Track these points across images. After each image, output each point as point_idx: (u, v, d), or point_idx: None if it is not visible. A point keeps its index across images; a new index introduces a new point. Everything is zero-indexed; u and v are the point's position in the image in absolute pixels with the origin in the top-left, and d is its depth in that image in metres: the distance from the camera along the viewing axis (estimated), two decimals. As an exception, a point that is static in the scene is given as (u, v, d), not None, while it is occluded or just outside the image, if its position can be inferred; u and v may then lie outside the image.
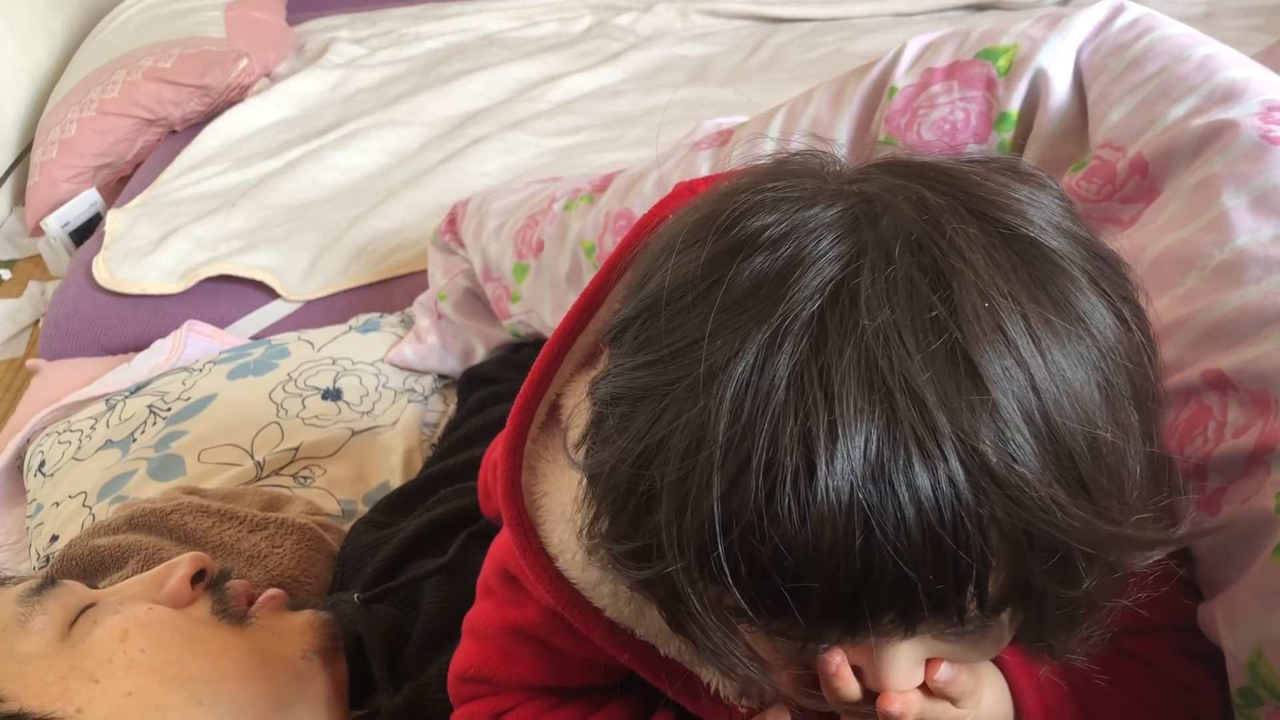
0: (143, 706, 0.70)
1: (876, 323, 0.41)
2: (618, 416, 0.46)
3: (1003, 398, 0.40)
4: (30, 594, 0.73)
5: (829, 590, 0.41)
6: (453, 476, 1.09)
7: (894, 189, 0.46)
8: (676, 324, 0.45)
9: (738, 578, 0.42)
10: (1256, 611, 0.55)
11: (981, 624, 0.45)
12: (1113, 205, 0.74)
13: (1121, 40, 0.80)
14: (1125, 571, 0.45)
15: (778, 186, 0.47)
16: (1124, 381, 0.44)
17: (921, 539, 0.40)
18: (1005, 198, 0.46)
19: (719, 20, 2.52)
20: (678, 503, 0.43)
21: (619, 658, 0.61)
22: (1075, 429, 0.41)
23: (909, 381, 0.40)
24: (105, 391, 1.41)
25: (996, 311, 0.41)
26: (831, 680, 0.49)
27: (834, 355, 0.41)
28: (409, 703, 0.80)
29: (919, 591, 0.41)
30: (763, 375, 0.41)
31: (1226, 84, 0.71)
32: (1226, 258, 0.62)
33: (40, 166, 2.26)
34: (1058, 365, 0.42)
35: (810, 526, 0.40)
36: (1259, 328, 0.59)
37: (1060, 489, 0.41)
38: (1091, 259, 0.46)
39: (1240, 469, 0.58)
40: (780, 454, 0.40)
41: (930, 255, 0.43)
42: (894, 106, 0.88)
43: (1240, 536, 0.57)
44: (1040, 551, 0.41)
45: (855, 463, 0.40)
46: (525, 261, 1.23)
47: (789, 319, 0.42)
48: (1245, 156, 0.65)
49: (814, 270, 0.43)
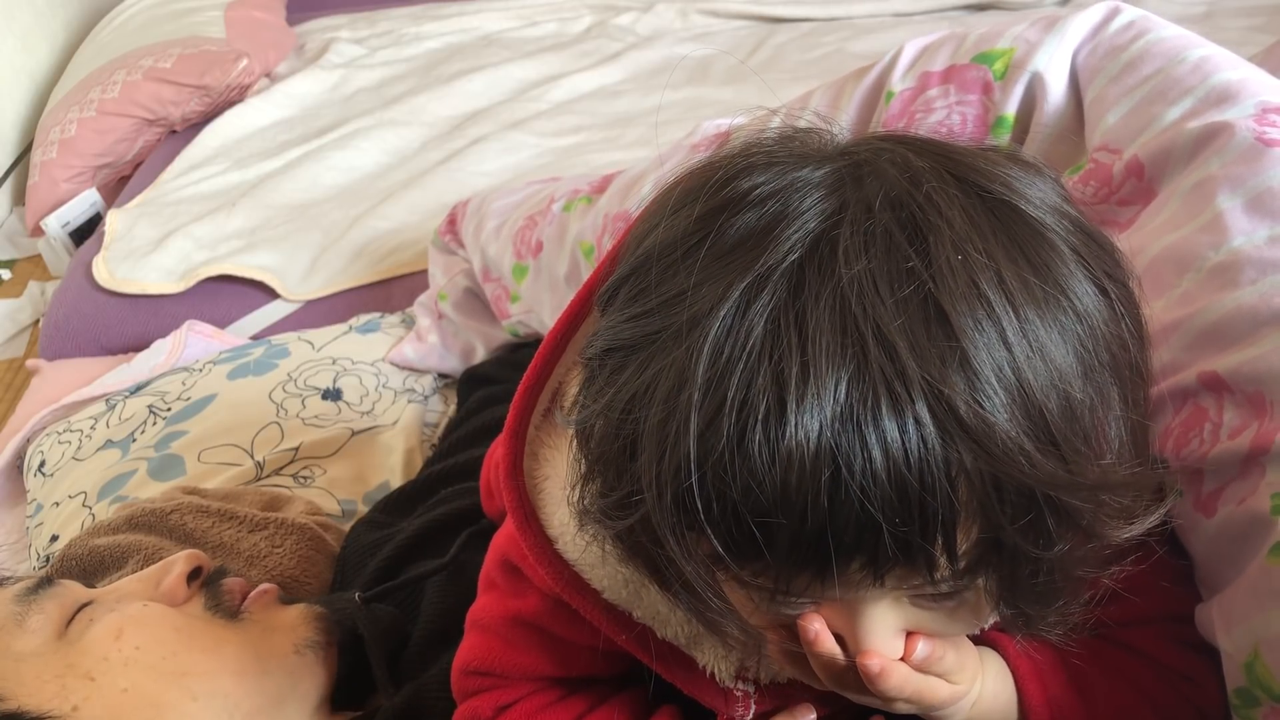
0: (138, 703, 0.70)
1: (853, 272, 0.42)
2: (608, 371, 0.48)
3: (972, 348, 0.41)
4: (27, 593, 0.74)
5: (796, 529, 0.42)
6: (453, 476, 1.09)
7: (881, 152, 0.47)
8: (666, 277, 0.47)
9: (710, 516, 0.43)
10: (1253, 612, 0.55)
11: (954, 585, 0.45)
12: (1110, 207, 0.74)
13: (1117, 42, 0.80)
14: (1102, 540, 0.46)
15: (771, 151, 0.49)
16: (1102, 350, 0.45)
17: (888, 481, 0.41)
18: (992, 168, 0.47)
19: (719, 20, 2.52)
20: (659, 444, 0.44)
21: (617, 640, 0.62)
22: (1046, 386, 0.42)
23: (881, 328, 0.41)
24: (105, 391, 1.41)
25: (970, 266, 0.42)
26: (812, 646, 0.50)
27: (810, 301, 0.42)
28: (409, 702, 0.80)
29: (885, 535, 0.41)
30: (742, 320, 0.43)
31: (1222, 86, 0.71)
32: (1222, 259, 0.62)
33: (40, 166, 2.26)
34: (1031, 324, 0.43)
35: (779, 465, 0.41)
36: (1254, 329, 0.59)
37: (1028, 440, 0.42)
38: (1078, 234, 0.47)
39: (1236, 470, 0.58)
40: (754, 394, 0.42)
41: (908, 210, 0.44)
42: (891, 110, 0.88)
43: (1236, 538, 0.57)
44: (1009, 505, 0.42)
45: (825, 404, 0.41)
46: (524, 262, 1.23)
47: (769, 268, 0.43)
48: (1241, 158, 0.65)
49: (798, 224, 0.44)
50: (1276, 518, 0.55)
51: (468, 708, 0.71)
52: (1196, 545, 0.61)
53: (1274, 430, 0.56)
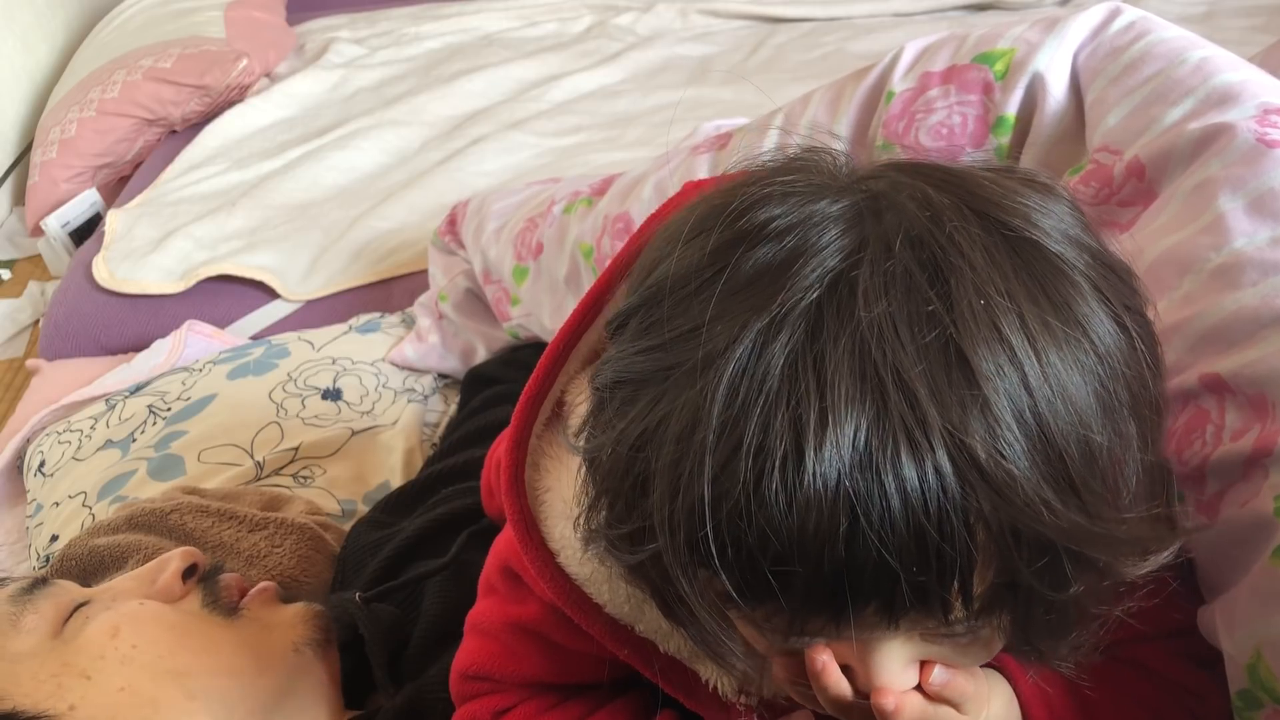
0: (135, 702, 0.70)
1: (873, 314, 0.41)
2: (618, 401, 0.47)
3: (994, 394, 0.41)
4: (22, 593, 0.74)
5: (812, 576, 0.42)
6: (453, 476, 1.09)
7: (900, 186, 0.46)
8: (679, 311, 0.46)
9: (724, 560, 0.43)
10: (1256, 614, 0.55)
11: (968, 625, 0.45)
12: (1110, 208, 0.74)
13: (1118, 43, 0.79)
14: (1117, 579, 0.46)
15: (787, 180, 0.48)
16: (1122, 389, 0.44)
17: (906, 529, 0.40)
18: (1012, 201, 0.46)
19: (719, 20, 2.52)
20: (671, 484, 0.43)
21: (618, 654, 0.62)
22: (1067, 430, 0.42)
23: (901, 373, 0.40)
24: (105, 391, 1.41)
25: (993, 309, 0.42)
26: (819, 678, 0.49)
27: (829, 344, 0.41)
28: (410, 702, 0.80)
29: (902, 582, 0.41)
30: (759, 361, 0.42)
31: (1223, 87, 0.71)
32: (1223, 261, 0.62)
33: (40, 166, 2.26)
34: (1053, 367, 0.42)
35: (796, 511, 0.41)
36: (1256, 331, 0.59)
37: (1049, 488, 0.41)
38: (1097, 266, 0.46)
39: (1238, 472, 0.58)
40: (770, 438, 0.41)
41: (929, 251, 0.43)
42: (891, 111, 0.88)
43: (1239, 540, 0.57)
44: (1027, 550, 0.41)
45: (844, 450, 0.40)
46: (525, 264, 1.23)
47: (787, 307, 0.42)
48: (1242, 159, 0.65)
49: (815, 261, 0.43)
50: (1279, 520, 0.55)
51: (465, 712, 0.71)
52: (1199, 548, 0.61)
53: (1276, 432, 0.56)
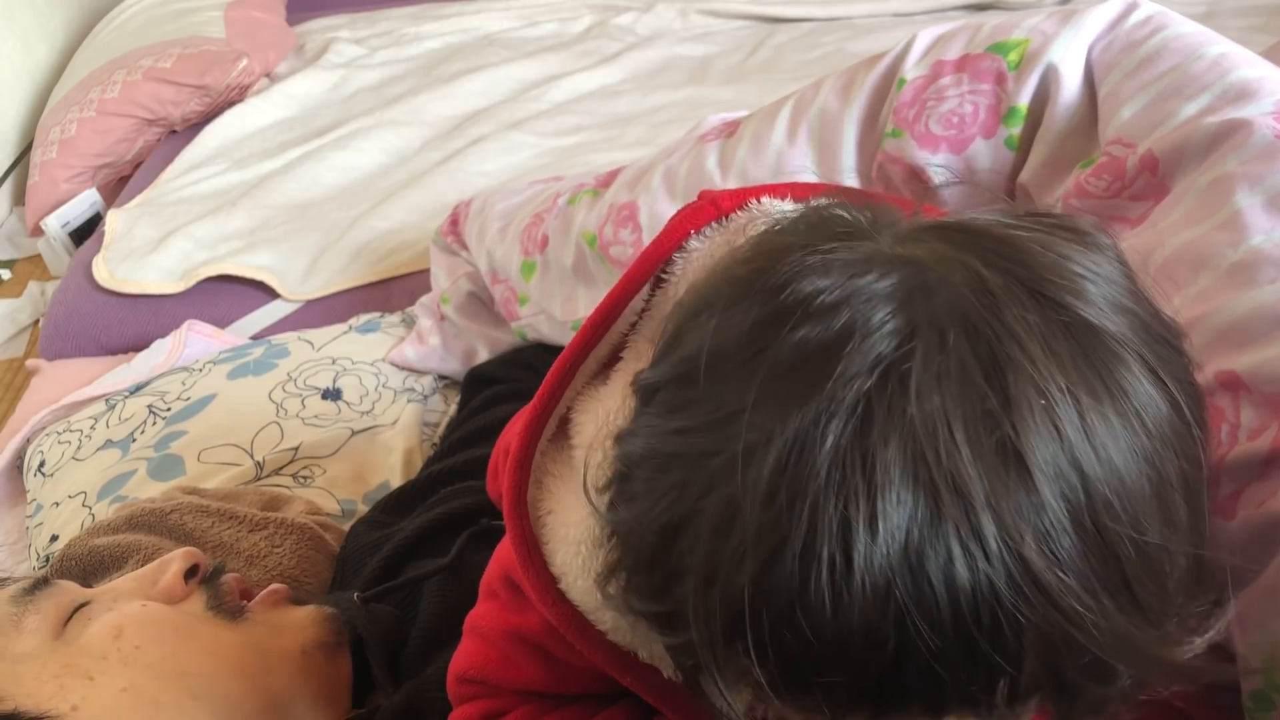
0: (138, 702, 0.70)
1: (926, 411, 0.39)
2: (645, 478, 0.45)
3: (1052, 499, 0.39)
4: (23, 594, 0.73)
5: (856, 681, 0.40)
6: (453, 476, 1.09)
7: (949, 261, 0.43)
8: (715, 392, 0.43)
9: (764, 661, 0.41)
10: (1271, 615, 0.55)
11: (1007, 714, 0.43)
12: (1121, 202, 0.73)
13: (1134, 37, 0.79)
14: (1165, 665, 0.44)
15: (831, 249, 0.45)
16: (1175, 474, 0.42)
17: (956, 639, 0.38)
18: (1065, 275, 0.43)
19: (719, 20, 2.52)
20: (706, 579, 0.41)
21: (620, 679, 0.61)
22: (1123, 532, 0.40)
23: (956, 477, 0.38)
24: (105, 391, 1.40)
25: (1053, 408, 0.39)
26: None
27: (879, 442, 0.39)
28: (408, 701, 0.80)
29: (949, 689, 0.40)
30: (803, 457, 0.40)
31: (1240, 83, 0.70)
32: (1240, 258, 0.61)
33: (40, 166, 2.26)
34: (1110, 463, 0.40)
35: (842, 618, 0.39)
36: (1273, 328, 0.58)
37: (1104, 595, 0.39)
38: (1149, 340, 0.44)
39: (1255, 472, 0.57)
40: (817, 542, 0.39)
41: (985, 342, 0.40)
42: (903, 98, 0.88)
43: (1255, 541, 0.57)
44: (1077, 654, 0.40)
45: (894, 557, 0.38)
46: (532, 258, 1.23)
47: (834, 400, 0.40)
48: (1259, 156, 0.65)
49: (865, 346, 0.40)
50: (1295, 520, 0.54)
51: (461, 714, 0.71)
52: (1215, 549, 0.61)
53: (1292, 431, 0.56)
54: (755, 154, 0.99)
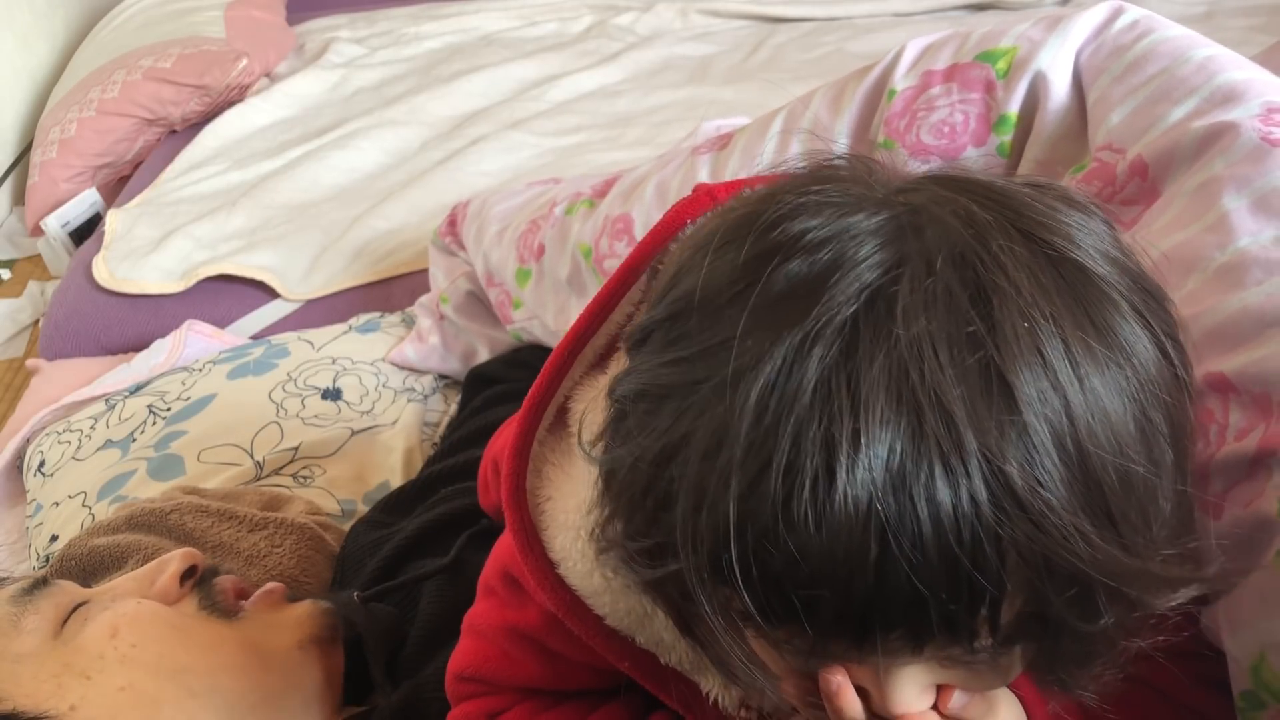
0: (136, 701, 0.70)
1: (911, 333, 0.40)
2: (640, 413, 0.46)
3: (1034, 420, 0.39)
4: (22, 594, 0.74)
5: (840, 601, 0.40)
6: (453, 476, 1.09)
7: (942, 200, 0.44)
8: (708, 324, 0.44)
9: (749, 581, 0.41)
10: (1260, 615, 0.55)
11: (993, 653, 0.44)
12: (1113, 208, 0.73)
13: (1121, 42, 0.79)
14: (1147, 611, 0.44)
15: (823, 190, 0.46)
16: (1161, 416, 0.43)
17: (938, 556, 0.39)
18: (1054, 220, 0.44)
19: (719, 20, 2.52)
20: (695, 501, 0.42)
21: (618, 665, 0.61)
22: (1107, 459, 0.40)
23: (939, 395, 0.39)
24: (105, 391, 1.41)
25: (1037, 333, 0.40)
26: (834, 699, 0.48)
27: (864, 362, 0.40)
28: (407, 700, 0.80)
29: (930, 610, 0.40)
30: (790, 378, 0.41)
31: (1227, 86, 0.71)
32: (1228, 260, 0.62)
33: (40, 166, 2.26)
34: (1095, 393, 0.41)
35: (825, 534, 0.39)
36: (1260, 330, 0.58)
37: (1086, 519, 0.40)
38: (1138, 290, 0.45)
39: (1243, 472, 0.58)
40: (801, 458, 0.40)
41: (973, 270, 0.41)
42: (893, 109, 0.88)
43: (1243, 540, 0.57)
44: (1060, 581, 0.40)
45: (876, 473, 0.39)
46: (527, 266, 1.23)
47: (822, 322, 0.41)
48: (1246, 158, 0.65)
49: (852, 276, 0.41)
50: (1283, 519, 0.55)
51: (460, 712, 0.71)
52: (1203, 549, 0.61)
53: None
54: (747, 167, 0.99)
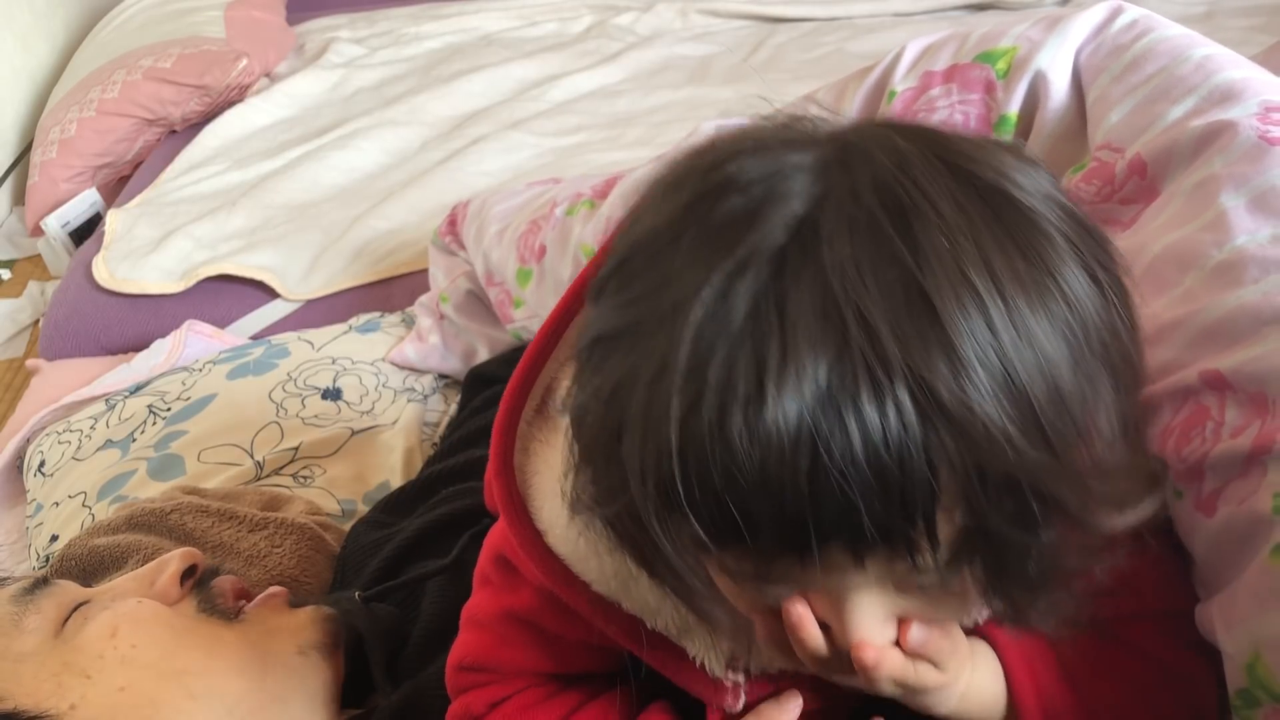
0: (135, 701, 0.70)
1: (836, 256, 0.42)
2: (598, 358, 0.48)
3: (956, 335, 0.41)
4: (23, 593, 0.74)
5: (777, 512, 0.42)
6: (454, 476, 1.09)
7: (871, 137, 0.46)
8: (652, 264, 0.46)
9: (691, 500, 0.43)
10: (1254, 613, 0.55)
11: (939, 573, 0.45)
12: (1112, 206, 0.74)
13: (1120, 41, 0.80)
14: (1093, 529, 0.46)
15: (759, 135, 0.48)
16: (1093, 338, 0.44)
17: (867, 465, 0.40)
18: (985, 156, 0.46)
19: (719, 20, 2.52)
20: (642, 430, 0.44)
21: (606, 630, 0.62)
22: (1034, 373, 0.42)
23: (863, 312, 0.41)
24: (105, 391, 1.41)
25: (958, 253, 0.42)
26: (796, 631, 0.50)
27: (791, 285, 0.42)
28: (408, 700, 0.80)
29: (864, 519, 0.41)
30: (724, 303, 0.43)
31: (1225, 85, 0.71)
32: (1225, 258, 0.62)
33: (40, 166, 2.26)
34: (1020, 312, 0.42)
35: (759, 448, 0.41)
36: (1257, 328, 0.58)
37: (1013, 427, 0.41)
38: (1070, 221, 0.46)
39: (1237, 469, 0.58)
40: (734, 377, 0.42)
41: (895, 195, 0.43)
42: (893, 110, 0.88)
43: (1237, 537, 0.57)
44: (992, 489, 0.42)
45: (805, 388, 0.41)
46: (528, 266, 1.23)
47: (753, 250, 0.43)
48: (1244, 157, 0.65)
49: (782, 208, 0.44)
50: (1278, 517, 0.55)
51: (460, 704, 0.71)
52: (1197, 545, 0.61)
53: (1276, 429, 0.56)
54: None
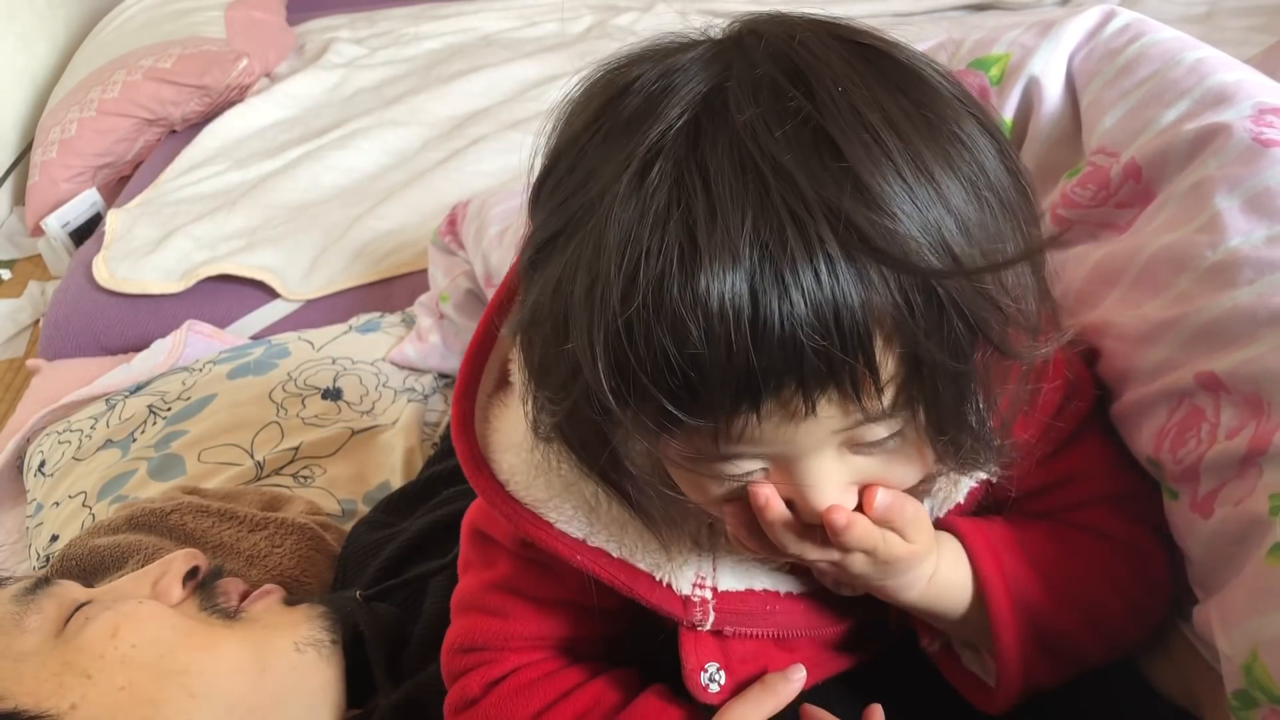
0: (136, 701, 0.70)
1: (745, 117, 0.45)
2: (539, 266, 0.51)
3: (864, 172, 0.44)
4: (25, 593, 0.74)
5: (725, 360, 0.44)
6: (454, 477, 1.09)
7: (762, 21, 0.51)
8: (575, 166, 0.50)
9: (643, 367, 0.45)
10: (1250, 614, 0.55)
11: (886, 415, 0.48)
12: (1109, 210, 0.74)
13: (1113, 45, 0.80)
14: (1012, 355, 0.50)
15: (659, 44, 0.52)
16: (990, 179, 0.48)
17: (803, 300, 0.43)
18: (867, 29, 0.51)
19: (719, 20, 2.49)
20: (588, 310, 0.47)
21: (572, 560, 0.64)
22: (940, 208, 0.46)
23: (777, 160, 0.44)
24: (105, 391, 1.41)
25: (853, 99, 0.46)
26: (764, 513, 0.52)
27: (708, 149, 0.45)
28: (409, 698, 0.80)
29: (807, 352, 0.44)
30: (647, 178, 0.46)
31: (1218, 87, 0.71)
32: (1219, 259, 0.62)
33: (40, 166, 2.26)
34: (918, 151, 0.46)
35: (700, 302, 0.44)
36: (1252, 329, 0.59)
37: (928, 252, 0.45)
38: (952, 82, 0.51)
39: (1233, 471, 0.58)
40: (668, 240, 0.44)
41: (790, 60, 0.47)
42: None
43: (1234, 539, 0.57)
44: (921, 316, 0.45)
45: (735, 238, 0.43)
46: (521, 272, 1.23)
47: (665, 130, 0.46)
48: (1238, 159, 0.65)
49: (688, 88, 0.47)
50: (1274, 519, 0.55)
51: (457, 688, 0.72)
52: (1194, 546, 0.61)
53: (1271, 430, 0.56)
54: None
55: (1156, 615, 0.65)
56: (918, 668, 0.70)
